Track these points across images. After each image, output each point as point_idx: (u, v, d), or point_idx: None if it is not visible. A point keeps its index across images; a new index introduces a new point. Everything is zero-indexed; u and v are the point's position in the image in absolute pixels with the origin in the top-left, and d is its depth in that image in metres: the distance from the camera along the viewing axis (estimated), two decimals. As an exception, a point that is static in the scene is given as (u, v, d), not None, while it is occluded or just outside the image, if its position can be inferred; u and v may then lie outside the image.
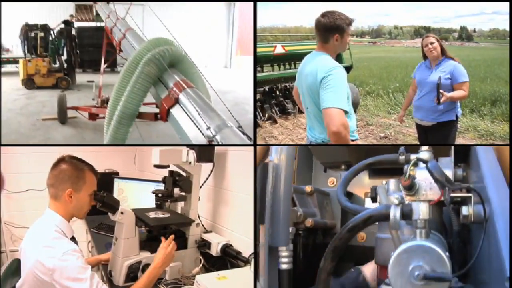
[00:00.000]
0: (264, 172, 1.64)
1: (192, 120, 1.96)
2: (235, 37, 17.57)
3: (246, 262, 2.41)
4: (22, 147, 4.43)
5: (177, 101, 2.13)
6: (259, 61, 7.29)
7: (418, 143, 3.84)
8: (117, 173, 4.33)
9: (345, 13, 2.38)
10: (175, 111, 2.12)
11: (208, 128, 1.81)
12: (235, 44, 17.54)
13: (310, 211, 2.05)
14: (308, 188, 2.12)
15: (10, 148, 4.13)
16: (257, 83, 6.98)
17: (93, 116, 6.23)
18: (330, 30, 2.33)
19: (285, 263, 1.82)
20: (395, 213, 1.31)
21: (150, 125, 4.21)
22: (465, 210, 1.34)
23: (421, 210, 1.31)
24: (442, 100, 3.20)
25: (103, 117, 2.73)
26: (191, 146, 2.64)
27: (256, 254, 2.06)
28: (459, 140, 5.94)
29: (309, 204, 2.11)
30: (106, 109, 2.59)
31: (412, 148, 1.53)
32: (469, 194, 1.34)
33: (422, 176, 1.40)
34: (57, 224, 2.07)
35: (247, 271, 2.23)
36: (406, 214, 1.32)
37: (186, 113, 2.04)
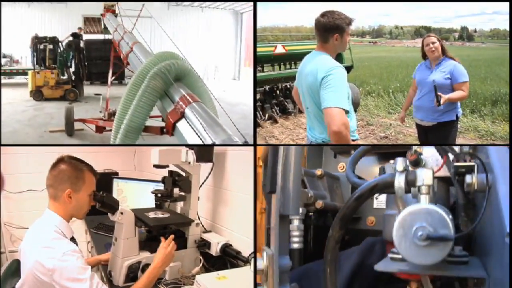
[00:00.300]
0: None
1: (197, 135, 1.97)
2: (243, 49, 17.68)
3: (245, 261, 2.41)
4: (21, 148, 4.43)
5: (183, 115, 2.14)
6: (259, 61, 7.29)
7: (419, 143, 3.83)
8: (116, 173, 4.32)
9: (345, 13, 2.37)
10: (181, 125, 2.13)
11: (214, 143, 1.82)
12: (243, 56, 17.63)
13: (321, 194, 2.09)
14: (318, 172, 2.17)
15: (9, 149, 4.13)
16: (257, 82, 6.98)
17: (100, 129, 6.27)
18: (330, 29, 2.32)
19: (296, 242, 1.86)
20: (399, 179, 1.37)
21: (157, 139, 4.25)
22: (468, 178, 1.36)
23: (425, 176, 1.34)
24: (442, 102, 3.19)
25: (110, 130, 2.75)
26: (190, 146, 2.64)
27: (256, 253, 2.06)
28: (460, 140, 5.93)
29: (319, 187, 2.15)
30: (113, 122, 2.60)
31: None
32: (473, 163, 1.36)
33: (428, 153, 1.44)
34: (57, 225, 2.06)
35: (247, 271, 2.23)
36: (410, 181, 1.36)
37: (191, 127, 2.04)
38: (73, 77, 10.34)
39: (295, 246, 1.90)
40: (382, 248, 1.80)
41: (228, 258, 2.57)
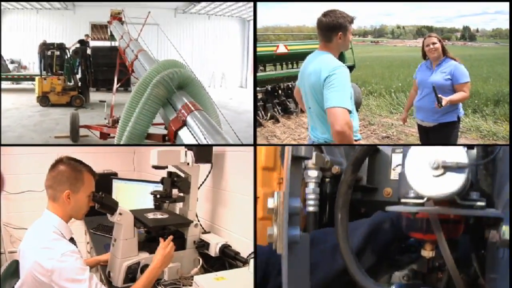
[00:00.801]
0: None
1: (198, 143, 1.98)
2: (250, 57, 17.67)
3: (244, 262, 2.41)
4: (20, 148, 4.43)
5: (184, 123, 2.15)
6: (261, 60, 7.30)
7: (420, 143, 3.81)
8: (115, 174, 4.32)
9: (347, 12, 2.37)
10: (182, 133, 2.13)
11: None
12: (250, 64, 17.64)
13: (337, 160, 2.11)
14: None
15: (8, 149, 4.13)
16: (259, 82, 6.98)
17: (104, 136, 6.35)
18: (333, 29, 2.32)
19: (312, 205, 1.87)
20: None
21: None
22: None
23: None
24: (443, 103, 3.17)
25: (114, 137, 2.78)
26: (189, 147, 2.64)
27: (256, 254, 2.05)
28: (461, 141, 5.91)
29: (336, 153, 2.17)
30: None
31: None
32: None
33: None
34: (56, 226, 2.06)
35: (245, 272, 2.22)
36: None
37: (193, 135, 2.05)
38: (79, 84, 10.44)
39: (311, 209, 1.91)
40: (392, 226, 1.78)
41: (227, 259, 2.56)
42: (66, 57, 10.44)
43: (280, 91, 7.58)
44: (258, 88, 7.14)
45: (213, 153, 2.89)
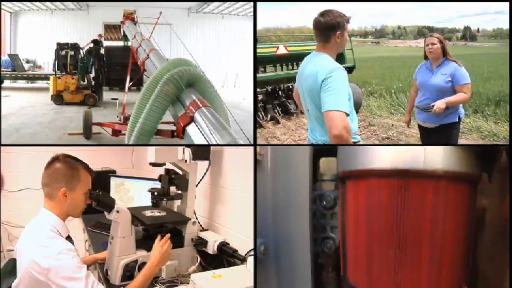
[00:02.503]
0: None
1: (205, 138, 2.01)
2: None
3: (242, 260, 2.40)
4: (19, 146, 4.43)
5: (192, 119, 2.19)
6: (261, 61, 7.29)
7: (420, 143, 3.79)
8: (113, 171, 4.31)
9: (347, 13, 2.35)
10: (190, 129, 2.17)
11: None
12: None
13: None
14: None
15: (6, 148, 4.13)
16: (260, 83, 6.97)
17: (115, 132, 6.42)
18: (332, 28, 2.29)
19: None
20: None
21: (167, 142, 4.35)
22: None
23: None
24: (441, 106, 3.17)
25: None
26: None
27: (256, 251, 2.04)
28: (462, 141, 5.88)
29: None
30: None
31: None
32: None
33: None
34: (52, 224, 2.06)
35: (242, 270, 2.21)
36: None
37: (200, 131, 2.09)
38: (92, 83, 10.54)
39: None
40: None
41: (225, 257, 2.55)
42: (80, 56, 10.59)
43: (280, 92, 7.56)
44: (258, 90, 7.13)
45: (211, 150, 2.89)
